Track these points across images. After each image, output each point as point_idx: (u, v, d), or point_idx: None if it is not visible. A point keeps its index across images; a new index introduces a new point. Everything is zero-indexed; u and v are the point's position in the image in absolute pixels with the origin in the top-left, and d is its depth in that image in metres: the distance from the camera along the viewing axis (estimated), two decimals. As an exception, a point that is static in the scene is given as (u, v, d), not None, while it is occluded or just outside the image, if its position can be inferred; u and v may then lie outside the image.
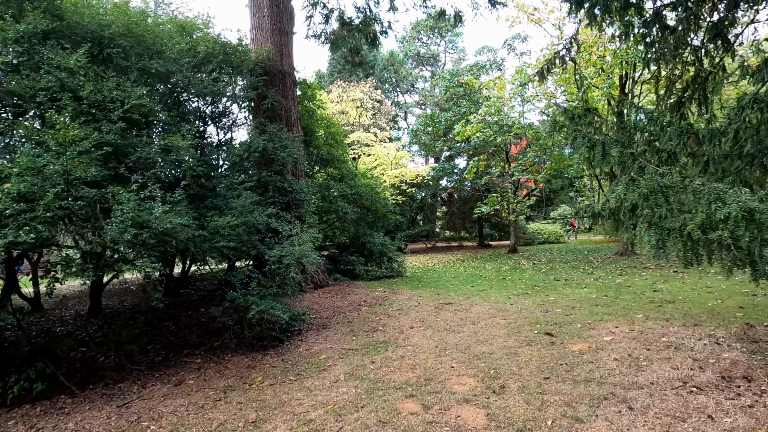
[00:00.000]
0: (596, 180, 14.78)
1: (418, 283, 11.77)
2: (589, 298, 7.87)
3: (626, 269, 11.67)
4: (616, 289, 8.64)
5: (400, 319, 6.97)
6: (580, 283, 9.83)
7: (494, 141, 14.99)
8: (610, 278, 10.31)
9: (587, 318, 6.31)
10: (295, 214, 8.13)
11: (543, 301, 7.92)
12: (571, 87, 14.64)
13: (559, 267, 13.49)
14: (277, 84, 9.22)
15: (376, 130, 20.82)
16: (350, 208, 11.65)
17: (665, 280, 9.39)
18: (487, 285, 10.65)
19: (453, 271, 14.48)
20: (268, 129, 7.95)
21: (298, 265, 5.84)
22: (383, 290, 9.97)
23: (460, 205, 26.19)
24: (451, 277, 12.74)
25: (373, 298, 8.94)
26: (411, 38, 39.00)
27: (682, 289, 8.23)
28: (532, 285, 10.06)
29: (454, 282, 11.66)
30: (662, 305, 6.89)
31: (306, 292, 9.00)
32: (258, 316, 5.16)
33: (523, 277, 11.76)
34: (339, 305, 8.15)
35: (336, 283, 10.54)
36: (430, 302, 8.35)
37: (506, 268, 14.21)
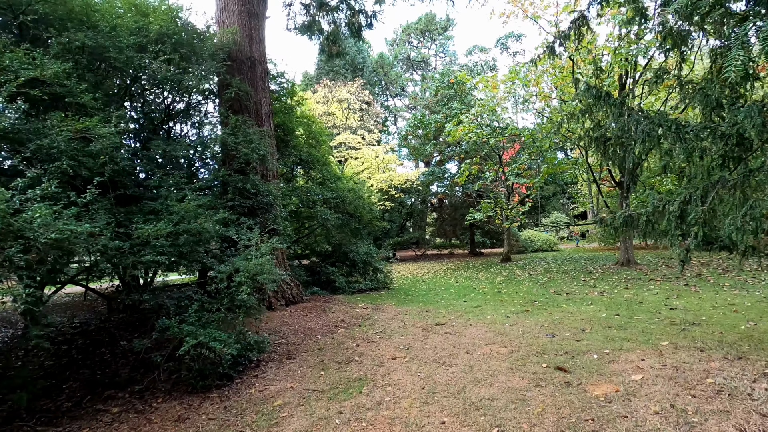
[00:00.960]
0: (595, 185, 13.90)
1: (405, 296, 10.68)
2: (598, 318, 6.85)
3: (631, 281, 10.72)
4: (627, 307, 7.65)
5: (380, 346, 5.86)
6: (585, 299, 8.84)
7: (488, 142, 14.06)
8: (616, 292, 9.34)
9: (603, 345, 5.28)
10: (261, 220, 7.01)
11: (546, 321, 6.88)
12: (569, 87, 13.79)
13: (557, 278, 12.51)
14: (245, 72, 8.13)
15: (363, 133, 19.80)
16: (331, 213, 10.54)
17: (679, 295, 8.44)
18: (481, 300, 9.60)
19: (444, 283, 13.42)
20: (230, 121, 6.84)
21: (253, 284, 4.71)
22: (365, 306, 8.86)
23: (451, 212, 25.23)
24: (442, 290, 11.67)
25: (353, 316, 7.82)
26: (401, 41, 38.26)
27: (702, 307, 7.26)
28: (531, 300, 9.03)
29: (444, 296, 10.59)
30: (687, 328, 5.89)
31: (276, 309, 7.85)
32: (193, 352, 4.02)
33: (519, 290, 10.74)
34: (312, 326, 7.02)
35: (313, 298, 9.40)
36: (418, 322, 7.26)
37: (501, 279, 13.20)
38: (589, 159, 13.84)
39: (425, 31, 37.05)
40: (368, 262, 11.96)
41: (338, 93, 20.35)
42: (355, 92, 21.65)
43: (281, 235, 8.03)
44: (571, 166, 16.45)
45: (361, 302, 9.40)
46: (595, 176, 13.77)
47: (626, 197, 13.54)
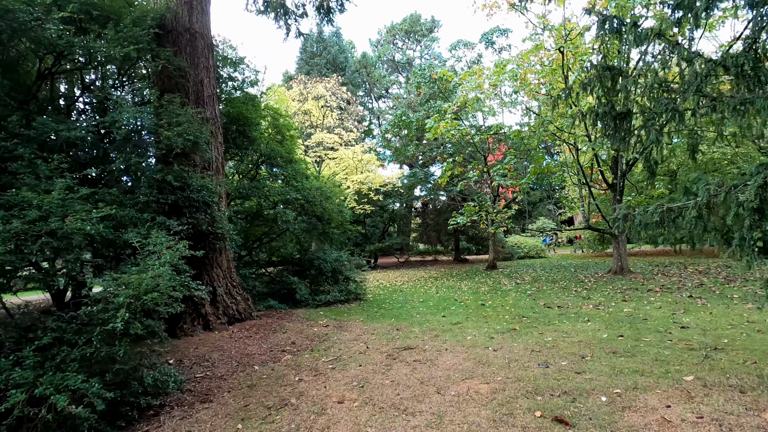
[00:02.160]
0: (586, 187, 12.91)
1: (378, 310, 9.43)
2: (599, 340, 5.70)
3: (628, 292, 9.66)
4: (630, 325, 6.53)
5: (330, 381, 4.59)
6: (579, 314, 7.70)
7: (472, 140, 13.00)
8: (614, 306, 8.24)
9: (611, 381, 4.11)
10: (190, 221, 5.70)
11: (537, 343, 5.70)
12: (557, 81, 12.82)
13: (546, 288, 11.41)
14: (182, 46, 6.85)
15: (341, 131, 18.59)
16: (294, 215, 9.27)
17: (686, 310, 7.36)
18: (462, 314, 8.40)
19: (423, 293, 12.20)
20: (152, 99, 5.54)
21: (139, 305, 3.40)
22: (326, 323, 7.57)
23: (434, 216, 24.13)
24: (419, 302, 10.45)
25: (308, 337, 6.53)
26: (386, 42, 37.31)
27: (717, 325, 6.18)
28: (519, 316, 7.87)
29: (421, 309, 9.36)
30: (710, 356, 4.77)
31: (214, 329, 6.52)
32: (19, 413, 2.68)
33: (506, 302, 9.58)
34: (252, 352, 5.71)
35: (267, 314, 8.07)
36: (384, 345, 6.01)
37: (485, 289, 12.04)
38: (580, 159, 12.87)
39: (410, 32, 36.18)
40: (338, 270, 10.68)
41: (314, 89, 19.13)
42: (332, 88, 20.45)
43: (224, 239, 6.73)
44: (560, 167, 15.48)
45: (324, 318, 8.11)
46: (586, 178, 12.77)
47: (619, 200, 12.57)
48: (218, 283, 6.93)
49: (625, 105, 4.26)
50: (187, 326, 6.27)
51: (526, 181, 12.38)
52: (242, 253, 10.95)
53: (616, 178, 12.62)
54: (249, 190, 9.79)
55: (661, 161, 10.37)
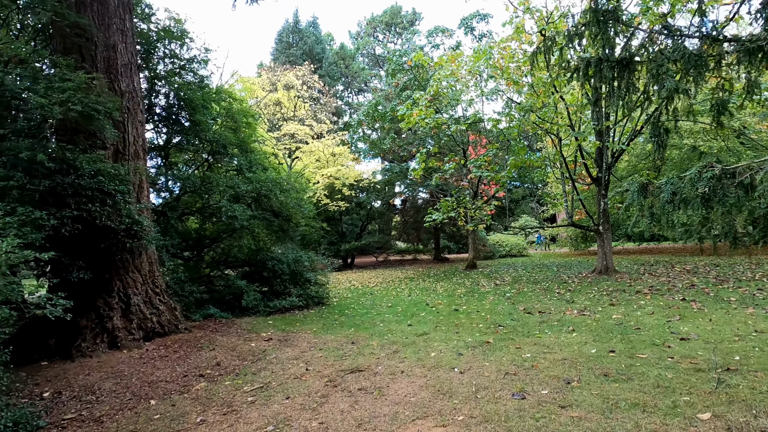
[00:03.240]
0: (570, 181, 12.05)
1: (339, 317, 8.34)
2: (587, 357, 4.73)
3: (615, 295, 8.79)
4: (621, 336, 5.58)
5: (239, 423, 3.48)
6: (563, 321, 6.75)
7: (448, 129, 12.00)
8: (601, 311, 7.32)
9: (605, 420, 3.12)
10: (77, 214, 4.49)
11: (513, 362, 4.70)
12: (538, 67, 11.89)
13: (527, 290, 10.49)
14: (88, 1, 5.61)
15: (312, 122, 17.39)
16: (241, 210, 8.09)
17: (682, 317, 6.47)
18: (431, 322, 7.37)
19: (394, 296, 11.16)
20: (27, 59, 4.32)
21: None
22: (271, 335, 6.45)
23: (413, 214, 23.15)
24: (387, 307, 9.39)
25: (240, 355, 5.39)
26: (365, 35, 36.14)
27: (722, 336, 5.28)
28: (495, 324, 6.87)
29: (387, 315, 8.31)
30: (722, 379, 3.83)
31: (123, 347, 5.32)
32: None
33: (482, 306, 8.60)
34: (158, 378, 4.54)
35: (202, 325, 6.89)
36: (328, 365, 4.92)
37: (462, 291, 11.06)
38: (563, 151, 12.00)
39: (391, 24, 35.09)
40: (298, 273, 9.54)
41: (283, 77, 17.86)
42: (302, 77, 19.21)
43: (140, 238, 5.54)
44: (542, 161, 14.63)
45: (270, 329, 6.97)
46: (570, 172, 11.91)
47: (604, 195, 11.75)
48: (134, 291, 5.73)
49: (627, 50, 3.28)
50: (86, 345, 5.07)
51: (506, 174, 11.45)
52: (186, 255, 9.73)
53: (601, 171, 11.80)
54: (200, 182, 8.59)
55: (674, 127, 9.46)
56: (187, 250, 9.62)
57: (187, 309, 7.20)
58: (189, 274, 8.61)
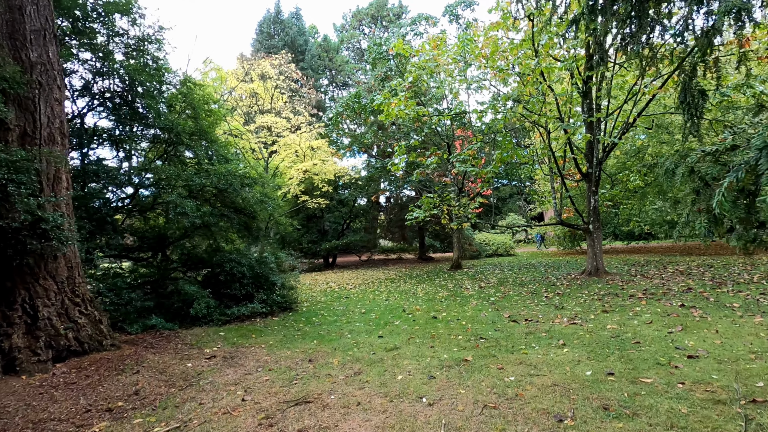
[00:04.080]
0: (559, 177, 11.34)
1: (304, 326, 7.47)
2: (581, 383, 3.94)
3: (608, 299, 8.08)
4: (619, 352, 4.82)
5: (125, 490, 2.60)
6: (552, 332, 5.98)
7: (430, 120, 11.19)
8: (594, 319, 6.58)
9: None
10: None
11: (494, 389, 3.90)
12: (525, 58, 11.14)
13: (513, 293, 9.74)
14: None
15: (289, 114, 16.41)
16: (192, 206, 7.14)
17: (684, 326, 5.75)
18: (405, 333, 6.55)
19: (370, 300, 10.32)
20: None
21: None
22: (216, 351, 5.55)
23: (397, 211, 22.34)
24: (361, 313, 8.55)
25: (169, 379, 4.49)
26: (351, 27, 35.13)
27: (734, 352, 4.55)
28: (477, 336, 6.07)
29: (358, 324, 7.46)
30: (750, 416, 3.07)
31: (25, 370, 4.37)
32: None
33: (463, 313, 7.80)
34: (50, 415, 3.62)
35: (137, 338, 5.95)
36: (271, 394, 4.06)
37: (443, 295, 10.27)
38: (552, 144, 11.28)
39: (376, 17, 34.13)
40: (262, 276, 8.62)
41: (258, 66, 16.81)
42: (279, 66, 18.16)
43: (51, 239, 4.58)
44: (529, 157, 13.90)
45: (219, 343, 6.06)
46: (558, 167, 11.20)
47: (594, 191, 11.06)
48: (46, 301, 4.77)
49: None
50: (-27, 370, 4.10)
51: (492, 169, 10.68)
52: (142, 256, 8.76)
53: (591, 167, 11.11)
54: (157, 174, 7.61)
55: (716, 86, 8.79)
56: (145, 251, 8.65)
57: (124, 319, 6.25)
58: (146, 277, 7.65)
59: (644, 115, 11.08)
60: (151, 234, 8.62)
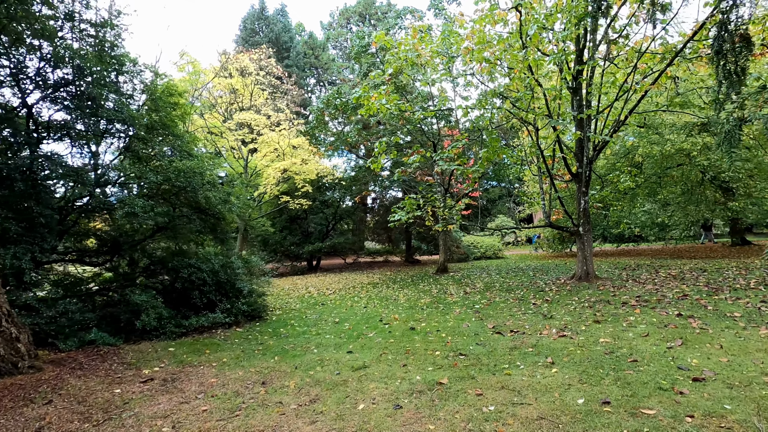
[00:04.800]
0: (547, 176, 10.82)
1: (267, 339, 6.77)
2: (572, 412, 3.33)
3: (599, 307, 7.53)
4: (614, 373, 4.22)
5: None
6: (540, 347, 5.37)
7: (412, 116, 10.58)
8: (585, 331, 6.00)
9: None
10: None
11: (469, 422, 3.27)
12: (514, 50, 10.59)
13: (499, 300, 9.16)
14: None
15: (268, 111, 15.67)
16: (142, 205, 6.41)
17: (684, 340, 5.19)
18: (378, 347, 5.89)
19: (348, 307, 9.65)
20: None
21: None
22: (156, 372, 4.83)
23: (383, 213, 21.69)
24: (334, 323, 7.87)
25: (83, 412, 3.77)
26: (338, 26, 34.49)
27: (743, 372, 3.99)
28: (456, 351, 5.44)
29: (328, 336, 6.79)
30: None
31: None
32: None
33: (444, 324, 7.17)
34: None
35: (68, 356, 5.20)
36: (204, 429, 3.37)
37: (425, 302, 9.64)
38: (540, 143, 10.74)
39: (365, 15, 33.54)
40: (227, 282, 7.90)
41: (236, 61, 16.02)
42: (258, 60, 17.40)
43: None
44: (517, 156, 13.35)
45: (161, 362, 5.34)
46: (547, 166, 10.67)
47: (585, 192, 10.55)
48: (-56, 317, 4.01)
49: None
50: None
51: (478, 168, 10.10)
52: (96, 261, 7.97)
53: (581, 166, 10.60)
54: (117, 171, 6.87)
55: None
56: (104, 254, 7.87)
57: (57, 334, 5.49)
58: (108, 283, 6.88)
59: (636, 113, 10.60)
60: (108, 236, 7.86)
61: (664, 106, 10.88)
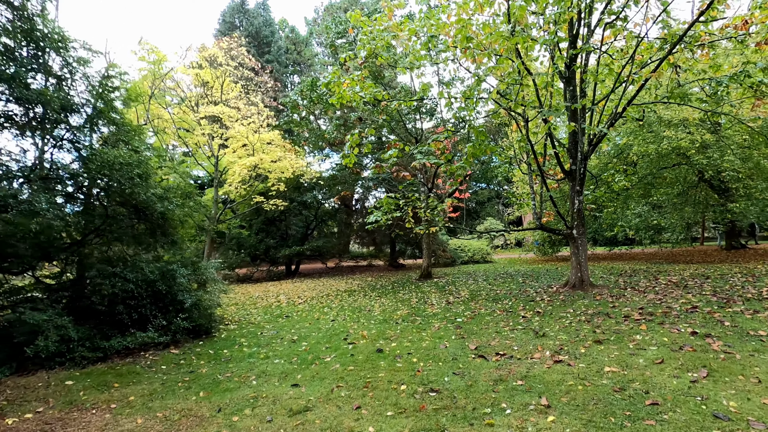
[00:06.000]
0: (538, 173, 9.81)
1: (204, 365, 5.59)
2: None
3: (597, 321, 6.50)
4: (631, 422, 3.16)
5: None
6: (531, 379, 4.29)
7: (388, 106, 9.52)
8: (584, 355, 4.94)
9: None
10: None
11: None
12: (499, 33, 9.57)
13: (485, 311, 8.09)
14: None
15: (239, 104, 14.47)
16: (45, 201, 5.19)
17: (710, 369, 4.15)
18: (331, 379, 4.76)
19: (314, 321, 8.49)
20: None
21: None
22: (18, 425, 3.62)
23: (367, 214, 20.55)
24: (291, 342, 6.71)
25: None
26: (323, 21, 33.35)
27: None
28: (426, 385, 4.33)
29: (278, 361, 5.63)
30: None
31: None
32: None
33: (419, 343, 6.06)
34: None
35: None
36: None
37: (402, 314, 8.53)
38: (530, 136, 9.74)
39: (349, 11, 32.44)
40: (167, 293, 6.69)
41: (204, 50, 14.76)
42: (229, 50, 16.20)
43: None
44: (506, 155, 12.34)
45: (40, 404, 4.13)
46: (538, 162, 9.67)
47: (579, 191, 9.56)
48: None
49: None
50: None
51: (463, 165, 9.06)
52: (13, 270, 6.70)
53: (575, 163, 9.62)
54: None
55: None
56: (28, 261, 6.60)
57: None
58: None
59: (634, 104, 9.67)
60: (29, 239, 6.60)
61: (664, 98, 9.98)
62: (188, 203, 8.35)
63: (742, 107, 11.42)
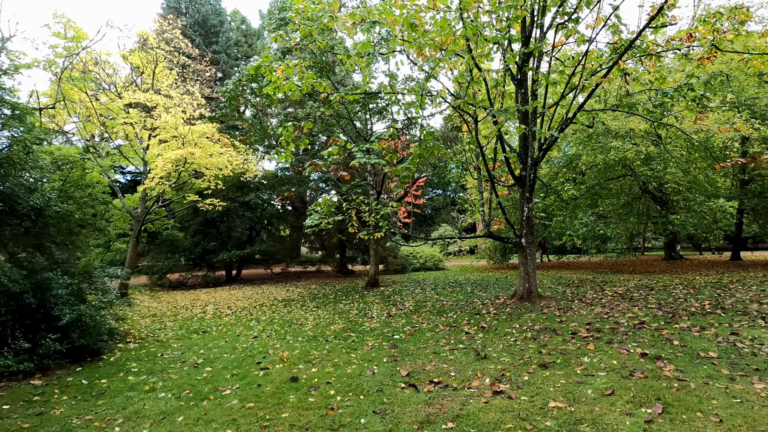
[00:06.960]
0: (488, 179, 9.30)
1: (60, 405, 4.40)
2: None
3: (544, 338, 5.94)
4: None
5: None
6: (465, 419, 3.54)
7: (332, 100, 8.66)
8: (528, 383, 4.28)
9: None
10: None
11: None
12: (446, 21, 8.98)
13: (427, 326, 7.37)
14: None
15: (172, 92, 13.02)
16: None
17: (665, 404, 3.59)
18: (218, 424, 3.76)
19: (233, 337, 7.39)
20: None
21: None
22: None
23: (314, 218, 19.48)
24: (192, 368, 5.61)
25: None
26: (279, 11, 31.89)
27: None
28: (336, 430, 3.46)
29: (164, 395, 4.55)
30: None
31: None
32: None
33: (343, 369, 5.18)
34: None
35: None
36: None
37: (335, 329, 7.62)
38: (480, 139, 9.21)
39: None
40: (36, 308, 5.38)
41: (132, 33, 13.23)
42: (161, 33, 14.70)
43: None
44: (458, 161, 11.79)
45: None
46: (487, 165, 9.15)
47: (529, 198, 9.14)
48: None
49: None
50: None
51: (408, 165, 8.35)
52: None
53: (525, 168, 9.20)
54: None
55: None
56: None
57: None
58: None
59: (584, 111, 9.42)
60: None
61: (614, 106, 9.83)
62: (82, 197, 7.01)
63: (685, 120, 11.58)
